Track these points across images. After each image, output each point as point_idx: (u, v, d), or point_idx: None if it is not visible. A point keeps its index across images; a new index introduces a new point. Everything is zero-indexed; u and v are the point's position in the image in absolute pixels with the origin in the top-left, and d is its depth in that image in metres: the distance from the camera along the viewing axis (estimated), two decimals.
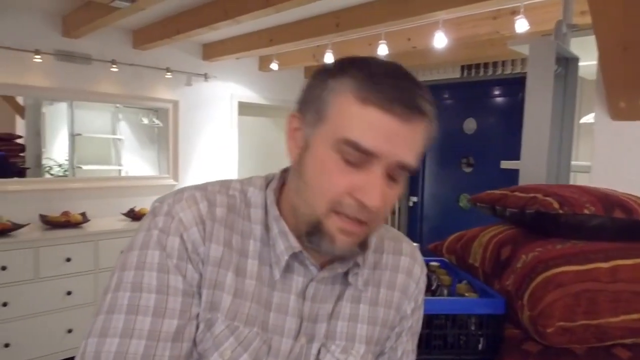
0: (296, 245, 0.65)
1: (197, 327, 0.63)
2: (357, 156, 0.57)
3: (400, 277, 0.77)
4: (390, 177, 0.60)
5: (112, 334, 0.57)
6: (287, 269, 0.67)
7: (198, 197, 0.65)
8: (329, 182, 0.59)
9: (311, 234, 0.62)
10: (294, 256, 0.66)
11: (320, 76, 0.62)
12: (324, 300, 0.70)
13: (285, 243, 0.65)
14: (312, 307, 0.68)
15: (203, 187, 0.67)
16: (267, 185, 0.70)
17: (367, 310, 0.73)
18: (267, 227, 0.68)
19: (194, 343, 0.63)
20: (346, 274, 0.71)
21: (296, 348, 0.68)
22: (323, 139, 0.60)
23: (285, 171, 0.72)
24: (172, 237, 0.61)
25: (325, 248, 0.62)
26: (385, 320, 0.75)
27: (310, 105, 0.62)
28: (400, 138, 0.57)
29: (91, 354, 0.56)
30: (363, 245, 0.65)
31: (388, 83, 0.57)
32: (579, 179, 2.34)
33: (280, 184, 0.70)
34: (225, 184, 0.69)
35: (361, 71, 0.58)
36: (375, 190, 0.58)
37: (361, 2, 2.76)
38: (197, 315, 0.62)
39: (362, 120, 0.57)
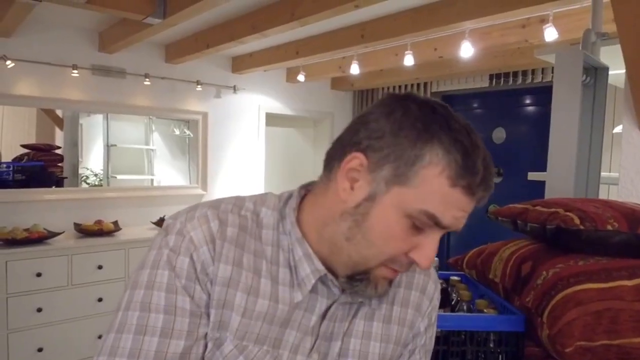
0: (321, 268, 0.65)
1: (206, 347, 0.63)
2: (427, 225, 0.60)
3: (414, 294, 0.76)
4: None
5: (120, 354, 0.58)
6: (312, 290, 0.67)
7: (210, 215, 0.65)
8: (393, 247, 0.61)
9: (354, 278, 0.64)
10: (319, 278, 0.66)
11: (403, 129, 0.59)
12: (341, 319, 0.70)
13: (311, 266, 0.65)
14: (328, 326, 0.69)
15: (216, 206, 0.67)
16: (283, 204, 0.69)
17: (380, 328, 0.73)
18: (279, 247, 0.67)
19: None
20: None
21: None
22: (398, 202, 0.59)
23: (303, 188, 0.71)
24: (181, 257, 0.62)
25: (366, 292, 0.65)
26: (398, 338, 0.74)
27: (386, 159, 0.59)
28: (467, 214, 0.61)
29: None
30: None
31: (478, 170, 0.59)
32: (612, 191, 2.26)
33: (299, 201, 0.70)
34: (238, 203, 0.69)
35: (454, 145, 0.58)
36: (431, 254, 0.61)
37: (386, 13, 2.77)
38: (205, 336, 0.63)
39: (447, 199, 0.58)
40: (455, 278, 1.24)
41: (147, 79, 3.57)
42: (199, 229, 0.64)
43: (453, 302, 1.19)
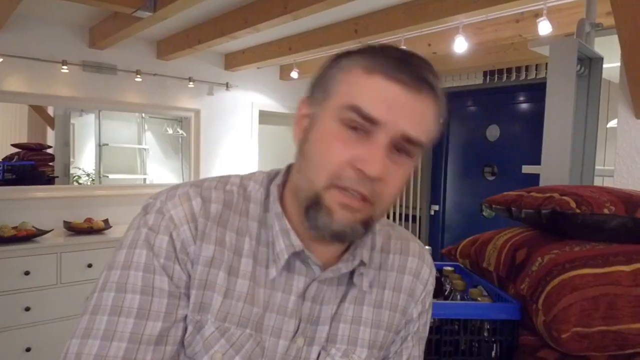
0: (298, 244, 0.62)
1: (186, 330, 0.61)
2: (361, 124, 0.56)
3: (407, 278, 0.73)
4: (397, 151, 0.58)
5: (94, 336, 0.55)
6: (288, 269, 0.64)
7: (192, 193, 0.63)
8: (331, 153, 0.57)
9: (309, 208, 0.59)
10: (296, 255, 0.63)
11: (332, 59, 0.62)
12: (327, 301, 0.66)
13: (287, 241, 0.63)
14: (312, 308, 0.65)
15: (199, 184, 0.65)
16: (270, 181, 0.68)
17: (371, 312, 0.69)
18: (263, 225, 0.65)
19: (183, 345, 0.61)
20: (352, 274, 0.68)
21: (292, 350, 0.64)
22: (328, 112, 0.59)
23: (290, 167, 0.69)
24: (160, 235, 0.60)
25: (323, 222, 0.58)
26: (390, 324, 0.71)
27: (319, 86, 0.62)
28: (405, 108, 0.56)
29: (72, 355, 0.55)
30: (367, 226, 0.60)
31: (395, 55, 0.57)
32: (607, 183, 2.24)
33: (284, 180, 0.68)
34: (223, 180, 0.67)
35: (371, 48, 0.59)
36: (376, 159, 0.55)
37: (379, 7, 2.75)
38: (185, 318, 0.60)
39: (367, 87, 0.56)
40: (449, 268, 1.22)
41: (139, 76, 3.53)
42: (180, 207, 0.61)
43: (446, 293, 1.16)
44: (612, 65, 1.73)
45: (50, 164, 3.89)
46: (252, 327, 0.62)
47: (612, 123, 2.12)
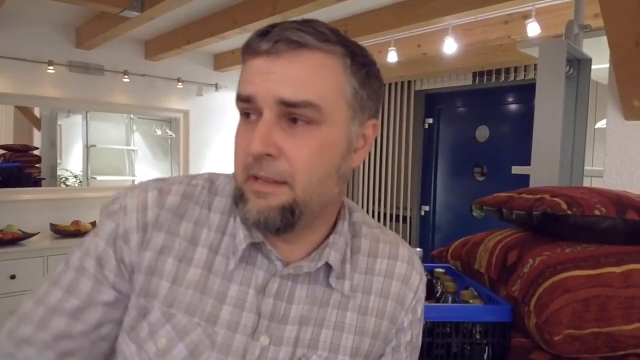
0: (258, 235, 0.61)
1: (129, 314, 0.63)
2: (249, 109, 0.58)
3: (395, 284, 0.70)
4: (292, 121, 0.56)
5: (35, 299, 0.64)
6: (248, 261, 0.63)
7: (150, 186, 0.65)
8: (238, 147, 0.59)
9: (236, 204, 0.60)
10: (258, 248, 0.63)
11: None
12: (297, 301, 0.64)
13: (246, 232, 0.62)
14: (276, 306, 0.63)
15: (163, 179, 0.68)
16: None
17: (354, 319, 0.66)
18: (230, 216, 0.64)
19: (127, 331, 0.63)
20: (328, 276, 0.65)
21: (255, 348, 0.62)
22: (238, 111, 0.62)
23: None
24: (108, 221, 0.63)
25: (242, 214, 0.59)
26: (376, 331, 0.68)
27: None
28: (273, 74, 0.55)
29: (19, 312, 0.64)
30: (288, 211, 0.57)
31: (257, 33, 0.57)
32: (595, 184, 2.26)
33: None
34: (191, 176, 0.69)
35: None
36: (254, 137, 0.55)
37: (369, 8, 2.75)
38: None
39: (242, 73, 0.59)
40: (440, 270, 1.21)
41: (126, 76, 3.49)
42: (135, 198, 0.64)
43: (438, 295, 1.15)
44: (600, 67, 1.74)
45: (37, 165, 3.83)
46: (203, 317, 0.61)
47: (600, 124, 2.14)
